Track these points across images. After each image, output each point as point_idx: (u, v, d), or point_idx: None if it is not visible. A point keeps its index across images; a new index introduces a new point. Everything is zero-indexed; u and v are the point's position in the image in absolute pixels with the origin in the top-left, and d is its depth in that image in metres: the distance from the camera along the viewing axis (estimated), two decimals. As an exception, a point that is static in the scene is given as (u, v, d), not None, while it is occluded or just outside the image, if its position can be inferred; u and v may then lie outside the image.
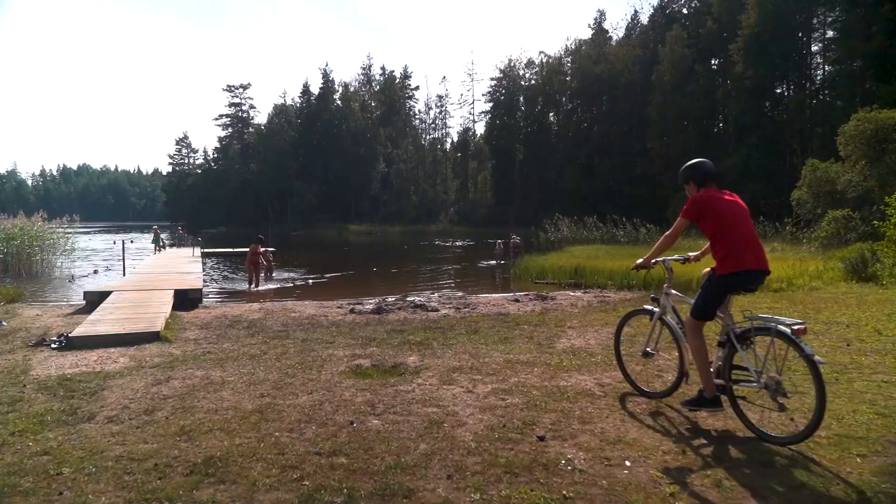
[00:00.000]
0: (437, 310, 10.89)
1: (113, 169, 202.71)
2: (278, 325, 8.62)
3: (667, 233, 4.18)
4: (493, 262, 24.48)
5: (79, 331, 7.42)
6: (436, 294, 13.97)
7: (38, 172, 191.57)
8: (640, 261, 4.47)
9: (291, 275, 19.69)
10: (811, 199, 23.28)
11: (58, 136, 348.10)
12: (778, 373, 3.51)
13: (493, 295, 13.03)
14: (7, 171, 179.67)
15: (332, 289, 16.46)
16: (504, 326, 8.06)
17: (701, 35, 47.06)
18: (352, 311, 10.41)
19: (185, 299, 11.16)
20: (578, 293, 13.31)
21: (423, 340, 7.03)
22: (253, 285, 16.30)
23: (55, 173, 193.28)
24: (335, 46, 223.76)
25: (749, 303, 8.30)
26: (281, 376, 5.28)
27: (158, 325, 7.71)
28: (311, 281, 18.20)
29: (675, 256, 4.59)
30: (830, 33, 38.82)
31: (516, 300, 11.84)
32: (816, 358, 3.28)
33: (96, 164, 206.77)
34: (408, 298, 12.43)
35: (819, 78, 40.45)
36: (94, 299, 10.51)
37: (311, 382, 5.04)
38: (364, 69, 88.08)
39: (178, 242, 33.10)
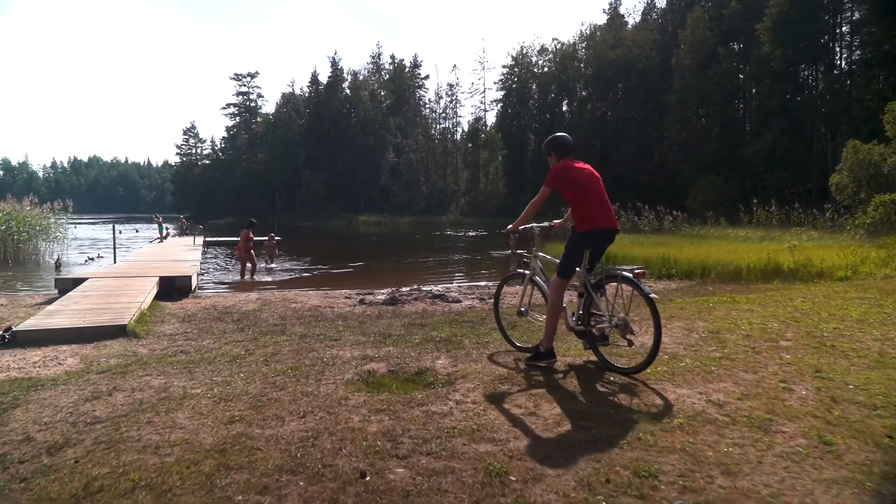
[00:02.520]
0: (458, 300, 9.51)
1: (123, 161, 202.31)
2: (274, 318, 7.24)
3: (532, 200, 4.47)
4: (509, 251, 23.04)
5: (27, 324, 6.07)
6: (454, 283, 12.57)
7: (49, 164, 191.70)
8: (509, 226, 4.86)
9: (296, 265, 18.21)
10: (852, 183, 21.62)
11: (69, 129, 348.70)
12: (626, 314, 4.06)
13: (517, 287, 11.57)
14: (19, 164, 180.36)
15: (341, 279, 15.02)
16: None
17: (723, 16, 45.03)
18: (361, 301, 9.05)
19: (173, 288, 9.82)
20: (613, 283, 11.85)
21: (451, 337, 5.62)
22: (247, 276, 14.57)
23: (66, 165, 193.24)
24: (344, 36, 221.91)
25: (840, 305, 6.90)
26: (266, 388, 3.88)
27: (127, 318, 6.34)
28: (316, 272, 16.68)
29: (543, 223, 5.14)
30: (858, 14, 36.88)
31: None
32: (652, 295, 3.85)
33: (107, 157, 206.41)
34: (424, 288, 11.03)
35: (854, 58, 38.38)
36: (67, 287, 9.18)
37: (306, 398, 3.63)
38: (373, 58, 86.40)
39: (181, 232, 31.88)
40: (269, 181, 74.69)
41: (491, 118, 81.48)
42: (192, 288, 10.38)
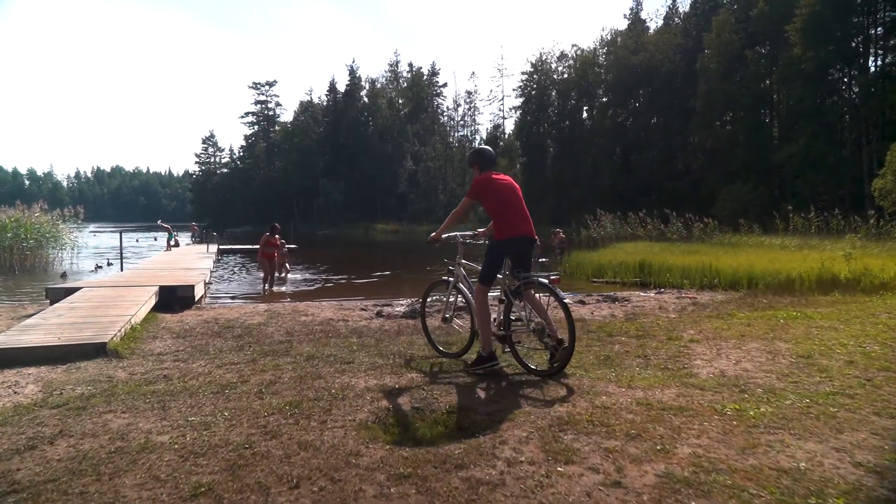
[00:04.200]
0: (531, 315, 8.56)
1: (145, 171, 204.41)
2: (280, 334, 6.36)
3: (454, 210, 4.70)
4: (532, 258, 22.07)
5: (-7, 342, 5.25)
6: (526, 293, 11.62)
7: (73, 174, 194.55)
8: (433, 234, 4.92)
9: (313, 275, 17.27)
10: (898, 188, 20.40)
11: (92, 139, 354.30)
12: (543, 319, 4.21)
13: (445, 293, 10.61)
14: (44, 174, 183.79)
15: (358, 289, 14.12)
16: (594, 339, 5.68)
17: (750, 18, 43.68)
18: (379, 314, 8.15)
19: (175, 298, 9.01)
20: (652, 293, 10.88)
21: (485, 360, 4.69)
22: (268, 285, 13.71)
23: (89, 175, 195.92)
24: (362, 45, 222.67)
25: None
26: (253, 434, 2.98)
27: (111, 334, 5.51)
28: (332, 283, 15.73)
29: (467, 232, 5.14)
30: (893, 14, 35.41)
31: (582, 302, 9.51)
32: (567, 300, 4.10)
33: (129, 166, 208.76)
34: (449, 300, 10.09)
35: (888, 59, 36.84)
36: (59, 297, 8.42)
37: (304, 453, 2.72)
38: (391, 66, 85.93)
39: (194, 240, 31.36)
40: (287, 189, 74.36)
41: (509, 126, 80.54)
42: (197, 298, 9.57)
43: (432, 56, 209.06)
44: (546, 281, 4.15)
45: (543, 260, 21.40)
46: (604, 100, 63.55)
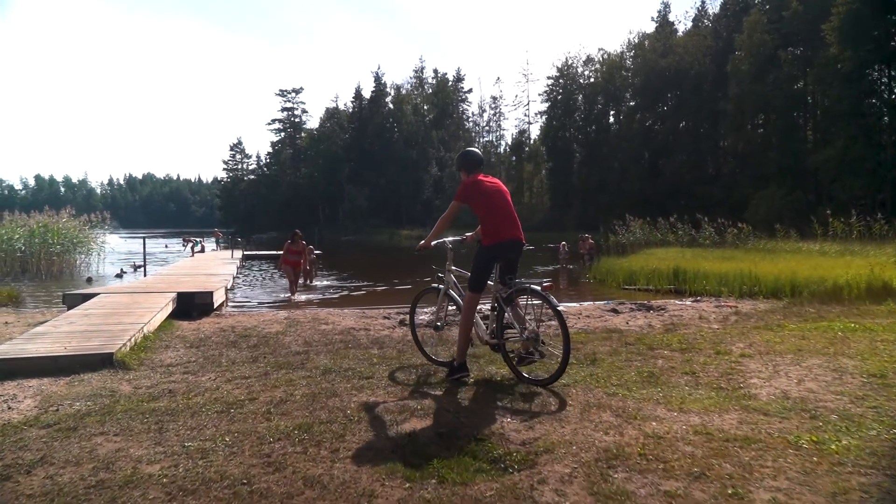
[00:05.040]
0: (513, 325, 8.13)
1: (175, 178, 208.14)
2: (298, 344, 6.02)
3: (443, 216, 4.57)
4: (559, 265, 21.56)
5: (-4, 351, 5.00)
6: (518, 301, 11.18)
7: (106, 182, 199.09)
8: (422, 242, 4.77)
9: (338, 282, 16.92)
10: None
11: (125, 147, 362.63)
12: (537, 326, 4.11)
13: (584, 304, 10.16)
14: (79, 181, 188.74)
15: (382, 296, 13.68)
16: (633, 353, 5.22)
17: (784, 18, 42.55)
18: (402, 322, 7.79)
19: (192, 305, 8.77)
20: (688, 301, 10.34)
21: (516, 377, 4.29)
22: (293, 293, 13.11)
23: (122, 182, 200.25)
24: (387, 52, 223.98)
25: None
26: (254, 466, 2.62)
27: (119, 344, 5.22)
28: (358, 290, 15.21)
29: (456, 238, 4.95)
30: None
31: (615, 311, 9.03)
32: (560, 308, 3.94)
33: (160, 174, 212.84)
34: (440, 308, 9.67)
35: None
36: (76, 303, 8.23)
37: (310, 492, 2.34)
38: (416, 72, 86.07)
39: (220, 246, 31.50)
40: (313, 195, 74.83)
41: (535, 131, 79.95)
42: (217, 305, 9.32)
43: (457, 62, 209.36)
44: (538, 288, 3.99)
45: (571, 267, 20.87)
46: (631, 104, 62.67)
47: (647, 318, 8.09)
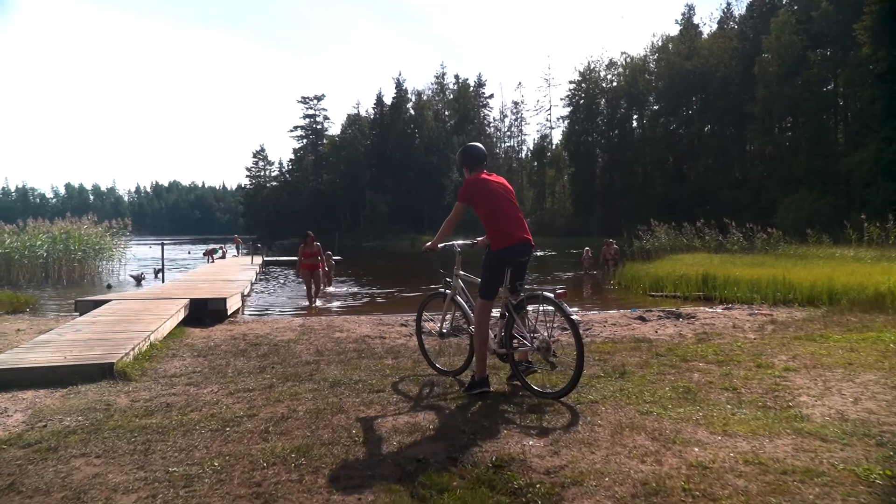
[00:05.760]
0: (535, 331, 7.76)
1: (200, 185, 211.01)
2: (309, 354, 5.75)
3: (448, 218, 4.27)
4: (583, 272, 21.08)
5: (-6, 360, 4.80)
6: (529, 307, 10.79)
7: (133, 189, 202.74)
8: (428, 244, 4.60)
9: (359, 289, 16.50)
10: None
11: (152, 155, 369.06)
12: (548, 336, 3.80)
13: (610, 312, 9.75)
14: (107, 189, 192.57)
15: (402, 303, 13.22)
16: (665, 365, 4.83)
17: (813, 19, 41.55)
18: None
19: (206, 312, 8.57)
20: (719, 309, 9.85)
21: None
22: (312, 301, 12.39)
23: (148, 189, 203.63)
24: (408, 59, 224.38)
25: None
26: (243, 496, 2.32)
27: (121, 353, 4.99)
28: (381, 296, 14.66)
29: (466, 241, 4.62)
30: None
31: (642, 318, 8.63)
32: (575, 317, 3.66)
33: (185, 181, 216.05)
34: (446, 314, 9.30)
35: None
36: (88, 309, 8.08)
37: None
38: (437, 78, 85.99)
39: (241, 252, 31.58)
40: (334, 202, 75.04)
41: (557, 136, 79.47)
42: (231, 311, 9.11)
43: (478, 67, 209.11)
44: (552, 295, 3.77)
45: (595, 273, 20.38)
46: (655, 107, 61.88)
47: (678, 327, 7.67)
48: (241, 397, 3.97)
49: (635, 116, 65.97)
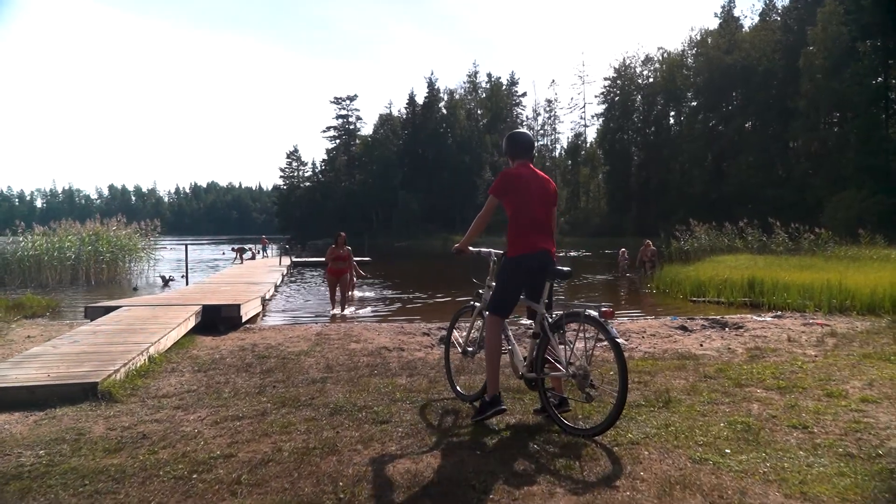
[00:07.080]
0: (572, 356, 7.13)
1: (237, 186, 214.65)
2: (317, 369, 5.26)
3: (479, 214, 3.86)
4: (618, 274, 20.26)
5: (-30, 380, 4.41)
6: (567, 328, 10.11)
7: (173, 190, 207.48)
8: (457, 245, 4.08)
9: (389, 293, 15.52)
10: None
11: (191, 157, 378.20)
12: (587, 363, 3.27)
13: (648, 319, 9.05)
14: (148, 190, 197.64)
15: (430, 309, 12.38)
16: (717, 391, 4.19)
17: (863, 8, 39.62)
18: (441, 340, 6.93)
19: (219, 319, 8.18)
20: (768, 317, 9.06)
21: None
22: (337, 308, 11.47)
23: (187, 190, 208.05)
24: (440, 58, 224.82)
25: None
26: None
27: (110, 370, 4.57)
28: (413, 302, 13.45)
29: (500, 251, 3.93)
30: None
31: (684, 328, 7.95)
32: (620, 340, 3.15)
33: (223, 182, 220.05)
34: (522, 321, 8.71)
35: None
36: (98, 315, 7.78)
37: None
38: (469, 76, 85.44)
39: (265, 253, 31.57)
40: (367, 201, 75.12)
41: (591, 133, 78.06)
42: (245, 318, 8.71)
43: (511, 66, 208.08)
44: (596, 314, 3.26)
45: (630, 276, 19.54)
46: (693, 104, 60.26)
47: (725, 339, 6.96)
48: (225, 428, 3.48)
49: (672, 113, 64.42)
